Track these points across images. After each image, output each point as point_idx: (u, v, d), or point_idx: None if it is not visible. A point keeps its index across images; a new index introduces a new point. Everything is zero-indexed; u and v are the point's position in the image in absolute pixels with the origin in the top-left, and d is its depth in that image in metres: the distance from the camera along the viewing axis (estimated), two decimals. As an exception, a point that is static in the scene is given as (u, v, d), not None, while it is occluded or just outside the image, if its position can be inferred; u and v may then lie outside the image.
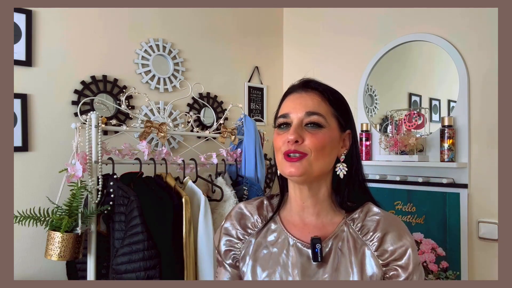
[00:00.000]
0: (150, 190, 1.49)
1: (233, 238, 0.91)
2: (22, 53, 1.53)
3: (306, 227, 0.86)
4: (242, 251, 0.90)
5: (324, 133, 0.81)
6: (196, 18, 2.10)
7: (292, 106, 0.84)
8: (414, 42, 1.93)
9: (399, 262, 0.79)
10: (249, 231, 0.91)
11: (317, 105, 0.83)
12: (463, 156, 1.74)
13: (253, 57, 2.39)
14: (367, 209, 0.86)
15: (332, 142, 0.83)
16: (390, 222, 0.83)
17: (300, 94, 0.85)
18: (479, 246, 1.70)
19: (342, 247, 0.82)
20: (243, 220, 0.92)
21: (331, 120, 0.83)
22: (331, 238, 0.83)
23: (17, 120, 1.51)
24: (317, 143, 0.80)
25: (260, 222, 0.91)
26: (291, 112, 0.84)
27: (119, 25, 1.81)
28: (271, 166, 2.44)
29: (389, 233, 0.81)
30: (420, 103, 1.97)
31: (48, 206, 1.34)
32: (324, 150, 0.81)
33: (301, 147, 0.80)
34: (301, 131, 0.81)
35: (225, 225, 0.94)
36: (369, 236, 0.82)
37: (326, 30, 2.32)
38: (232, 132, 1.85)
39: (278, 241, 0.86)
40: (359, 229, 0.83)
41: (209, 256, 1.49)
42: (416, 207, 1.85)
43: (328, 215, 0.86)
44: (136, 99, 1.86)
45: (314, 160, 0.80)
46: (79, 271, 1.49)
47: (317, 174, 0.82)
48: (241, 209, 0.94)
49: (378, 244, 0.81)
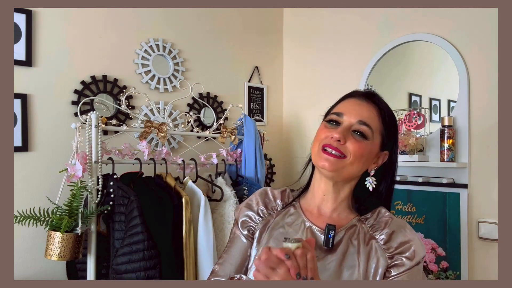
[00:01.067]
0: (150, 190, 1.49)
1: (253, 212, 0.96)
2: (22, 53, 1.53)
3: (322, 217, 0.91)
4: (259, 227, 0.94)
5: (366, 144, 0.86)
6: (196, 18, 2.10)
7: (349, 110, 0.88)
8: (414, 42, 1.93)
9: (403, 254, 0.84)
10: (269, 212, 0.96)
11: (372, 118, 0.87)
12: (463, 156, 1.74)
13: (253, 57, 2.39)
14: (378, 211, 0.92)
15: (370, 155, 0.88)
16: (399, 223, 0.88)
17: (361, 102, 0.90)
18: (479, 246, 1.70)
19: (352, 238, 0.87)
20: (267, 200, 0.97)
21: (376, 136, 0.88)
22: (344, 229, 0.88)
23: (17, 120, 1.51)
24: (358, 151, 0.84)
25: (281, 206, 0.96)
26: (346, 114, 0.88)
27: (119, 25, 1.81)
28: (271, 166, 2.44)
29: (397, 232, 0.86)
30: (420, 103, 1.97)
31: (48, 206, 1.34)
32: (361, 159, 0.86)
33: (342, 147, 0.84)
34: (347, 134, 0.85)
35: (248, 200, 0.99)
36: (379, 232, 0.87)
37: (326, 30, 2.32)
38: (232, 132, 1.85)
39: (295, 223, 0.92)
40: (371, 225, 0.89)
41: (209, 256, 1.49)
42: (416, 207, 1.85)
43: (344, 212, 0.92)
44: (136, 99, 1.86)
45: (349, 164, 0.85)
46: (79, 271, 1.49)
47: (346, 176, 0.87)
48: (266, 191, 0.99)
49: (386, 239, 0.85)
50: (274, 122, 2.51)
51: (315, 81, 2.36)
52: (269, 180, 2.42)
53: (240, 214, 0.98)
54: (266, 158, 2.37)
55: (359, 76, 2.11)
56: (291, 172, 2.49)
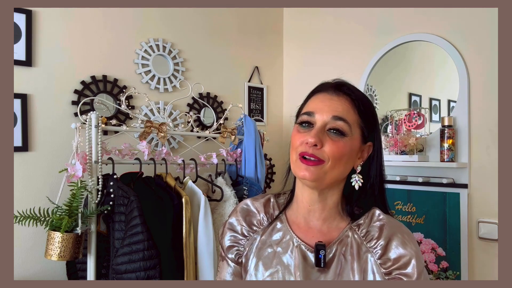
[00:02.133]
0: (150, 190, 1.49)
1: (237, 234, 0.90)
2: (22, 53, 1.53)
3: (311, 230, 0.85)
4: (246, 248, 0.89)
5: (345, 142, 0.78)
6: (196, 18, 2.10)
7: (320, 107, 0.81)
8: (414, 42, 1.93)
9: (402, 270, 0.77)
10: (254, 228, 0.90)
11: (346, 111, 0.80)
12: (463, 156, 1.74)
13: (253, 57, 2.39)
14: (371, 214, 0.84)
15: (351, 152, 0.80)
16: (393, 228, 0.81)
17: (331, 96, 0.82)
18: (479, 246, 1.70)
19: (345, 253, 0.81)
20: (249, 217, 0.91)
21: (355, 130, 0.80)
22: (336, 243, 0.82)
23: (17, 120, 1.51)
24: (336, 152, 0.77)
25: (266, 220, 0.89)
26: (317, 112, 0.80)
27: (119, 25, 1.81)
28: (271, 166, 2.44)
29: (393, 240, 0.79)
30: (420, 103, 1.97)
31: (48, 206, 1.34)
32: (341, 160, 0.78)
33: (319, 152, 0.77)
34: (322, 136, 0.78)
35: (230, 220, 0.93)
36: (373, 243, 0.81)
37: (326, 30, 2.32)
38: (232, 132, 1.85)
39: (283, 241, 0.85)
40: (364, 235, 0.82)
41: (209, 256, 1.49)
42: (416, 207, 1.85)
43: (334, 221, 0.85)
44: (136, 99, 1.86)
45: (329, 168, 0.78)
46: (79, 271, 1.49)
47: (330, 182, 0.80)
48: (247, 205, 0.92)
49: (382, 253, 0.79)
50: (274, 122, 2.51)
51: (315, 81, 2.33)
52: (269, 180, 2.42)
53: (223, 237, 0.92)
54: (266, 158, 2.37)
55: (359, 76, 2.11)
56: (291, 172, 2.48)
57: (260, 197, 0.94)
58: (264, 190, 1.86)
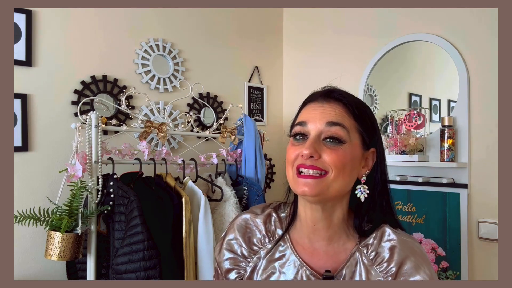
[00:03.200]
0: (150, 190, 1.49)
1: (237, 256, 0.83)
2: (22, 53, 1.53)
3: (316, 252, 0.78)
4: (248, 270, 0.82)
5: (344, 149, 0.72)
6: (196, 18, 2.10)
7: (312, 116, 0.75)
8: (414, 42, 1.93)
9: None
10: (255, 248, 0.83)
11: (340, 116, 0.73)
12: (463, 156, 1.74)
13: (253, 57, 2.39)
14: (381, 232, 0.78)
15: (353, 160, 0.74)
16: (406, 251, 0.75)
17: (322, 104, 0.76)
18: (479, 246, 1.70)
19: (353, 277, 0.76)
20: (248, 235, 0.84)
21: (354, 135, 0.74)
22: (344, 267, 0.76)
23: (17, 120, 1.51)
24: (337, 161, 0.71)
25: (268, 240, 0.83)
26: (309, 122, 0.74)
27: (119, 25, 1.81)
28: (271, 166, 2.44)
29: (406, 263, 0.74)
30: (420, 103, 1.97)
31: (48, 206, 1.34)
32: (345, 169, 0.72)
33: (319, 163, 0.71)
34: (318, 146, 0.72)
35: (227, 238, 0.86)
36: (383, 267, 0.75)
37: (326, 30, 2.32)
38: (232, 132, 1.85)
39: (287, 264, 0.79)
40: (373, 257, 0.76)
41: (209, 256, 1.49)
42: (416, 207, 1.85)
43: (341, 240, 0.79)
44: (136, 99, 1.86)
45: (333, 180, 0.71)
46: (79, 271, 1.49)
47: (333, 195, 0.74)
48: (246, 222, 0.85)
49: (393, 279, 0.74)
50: (274, 122, 2.51)
51: (315, 81, 2.34)
52: (269, 180, 2.42)
53: (221, 258, 0.84)
54: (266, 158, 2.37)
55: (359, 76, 2.11)
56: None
57: (260, 211, 0.87)
58: (264, 190, 1.86)
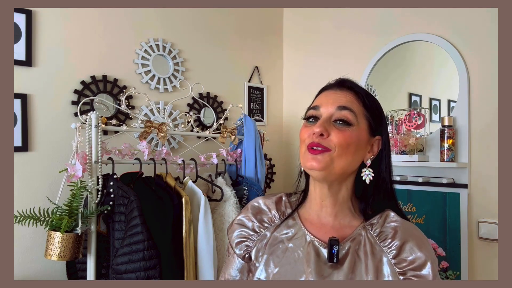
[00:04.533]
0: (150, 190, 1.49)
1: (248, 229, 0.90)
2: (22, 53, 1.53)
3: (324, 227, 0.85)
4: (257, 244, 0.88)
5: (351, 131, 0.80)
6: (196, 18, 2.10)
7: (325, 101, 0.84)
8: (414, 42, 1.93)
9: (417, 272, 0.76)
10: (265, 225, 0.89)
11: (350, 102, 0.82)
12: (463, 156, 1.74)
13: (253, 57, 2.39)
14: (386, 215, 0.84)
15: (359, 142, 0.81)
16: (409, 231, 0.81)
17: (335, 91, 0.85)
18: (479, 246, 1.70)
19: (358, 251, 0.80)
20: (260, 215, 0.90)
21: (361, 120, 0.82)
22: (349, 240, 0.82)
23: (17, 120, 1.51)
24: (342, 140, 0.78)
25: (278, 217, 0.89)
26: (322, 106, 0.83)
27: (119, 25, 1.81)
28: (271, 166, 2.44)
29: (408, 242, 0.79)
30: (420, 103, 1.97)
31: (48, 206, 1.34)
32: (349, 148, 0.79)
33: (326, 141, 0.79)
34: (328, 126, 0.80)
35: (239, 217, 0.92)
36: (387, 243, 0.80)
37: (326, 30, 2.32)
38: (232, 132, 1.85)
39: (295, 237, 0.85)
40: (377, 234, 0.82)
41: (209, 256, 1.49)
42: (416, 207, 1.85)
43: (346, 218, 0.85)
44: (136, 99, 1.86)
45: (336, 156, 0.78)
46: (79, 271, 1.49)
47: (338, 172, 0.80)
48: (258, 203, 0.92)
49: (397, 253, 0.79)
50: (274, 122, 2.51)
51: (315, 81, 2.34)
52: (269, 180, 2.42)
53: (232, 233, 0.91)
54: (266, 158, 2.37)
55: (359, 76, 2.11)
56: (291, 172, 2.49)
57: (272, 195, 0.94)
58: (264, 190, 1.86)
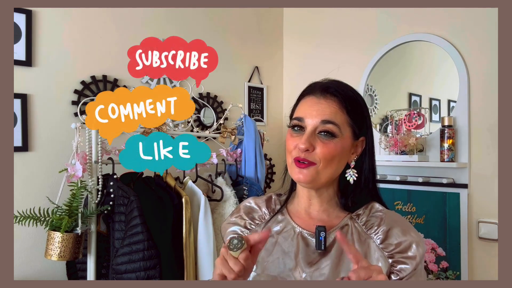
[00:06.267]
0: (150, 190, 1.49)
1: (240, 227, 0.94)
2: (22, 53, 1.53)
3: (312, 220, 0.88)
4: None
5: (335, 143, 0.82)
6: (196, 18, 2.10)
7: (309, 112, 0.84)
8: (414, 42, 1.93)
9: (404, 254, 0.80)
10: (256, 222, 0.93)
11: (333, 114, 0.83)
12: (463, 156, 1.74)
13: (253, 57, 2.39)
14: (371, 206, 0.88)
15: (343, 151, 0.84)
16: (394, 218, 0.85)
17: (318, 99, 0.85)
18: (479, 246, 1.70)
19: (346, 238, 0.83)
20: (251, 213, 0.95)
21: (345, 130, 0.83)
22: (336, 229, 0.85)
23: (17, 120, 1.51)
24: (327, 153, 0.81)
25: (268, 214, 0.93)
26: (307, 117, 0.84)
27: (119, 25, 1.81)
28: (271, 166, 2.44)
29: (394, 228, 0.82)
30: (420, 103, 1.97)
31: (48, 206, 1.34)
32: (333, 161, 0.82)
33: (311, 155, 0.81)
34: (313, 139, 0.82)
35: (232, 216, 0.97)
36: (374, 229, 0.83)
37: (326, 30, 2.32)
38: (232, 132, 1.85)
39: (284, 230, 0.89)
40: (364, 223, 0.85)
41: (209, 256, 1.49)
42: (416, 207, 1.85)
43: (334, 211, 0.88)
44: (136, 99, 1.86)
45: (322, 169, 0.82)
46: (79, 271, 1.49)
47: (324, 181, 0.84)
48: (250, 203, 0.97)
49: (383, 237, 0.82)
50: (274, 122, 2.51)
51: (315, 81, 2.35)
52: (269, 180, 2.42)
53: (226, 232, 0.95)
54: (266, 158, 2.37)
55: (359, 76, 2.11)
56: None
57: (263, 196, 0.99)
58: (264, 190, 1.86)
